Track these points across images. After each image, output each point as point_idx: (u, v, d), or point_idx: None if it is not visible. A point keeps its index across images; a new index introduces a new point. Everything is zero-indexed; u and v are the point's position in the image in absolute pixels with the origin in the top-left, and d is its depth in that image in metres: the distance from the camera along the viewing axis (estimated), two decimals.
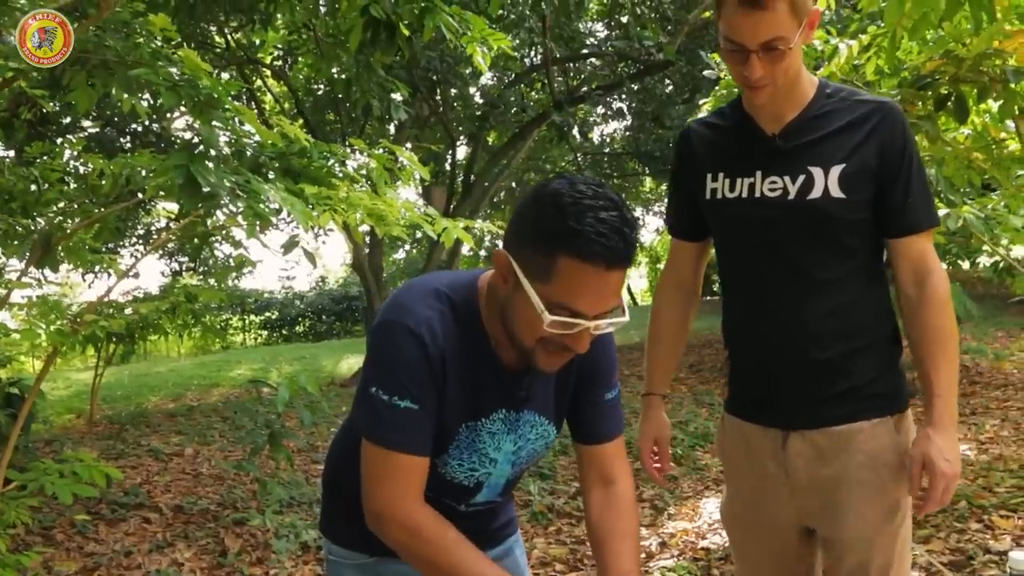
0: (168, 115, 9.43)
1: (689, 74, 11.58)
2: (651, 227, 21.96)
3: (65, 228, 4.18)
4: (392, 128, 9.60)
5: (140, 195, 4.17)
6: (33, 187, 4.36)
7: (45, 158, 5.05)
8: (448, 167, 11.70)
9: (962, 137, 3.91)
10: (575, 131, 14.38)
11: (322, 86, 10.31)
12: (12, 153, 6.05)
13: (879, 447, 1.60)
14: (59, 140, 7.67)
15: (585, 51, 11.96)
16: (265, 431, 4.74)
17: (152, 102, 6.87)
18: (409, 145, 10.03)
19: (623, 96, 14.73)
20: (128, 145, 9.37)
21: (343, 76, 7.12)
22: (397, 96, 6.43)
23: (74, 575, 3.59)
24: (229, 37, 9.13)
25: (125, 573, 3.63)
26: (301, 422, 4.34)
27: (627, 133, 18.17)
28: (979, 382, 6.60)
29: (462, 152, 12.41)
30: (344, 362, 11.01)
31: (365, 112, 7.14)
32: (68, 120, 8.32)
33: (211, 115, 3.17)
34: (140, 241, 11.43)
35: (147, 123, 9.21)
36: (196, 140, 3.16)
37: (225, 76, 8.82)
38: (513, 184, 16.65)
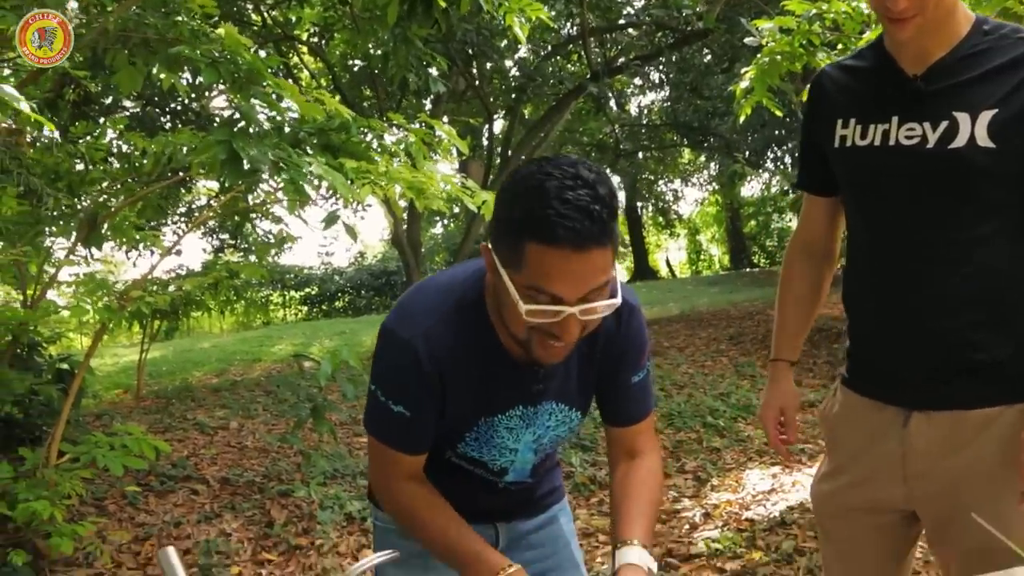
0: (207, 93, 9.51)
1: (728, 43, 11.40)
2: (689, 199, 21.78)
3: (110, 207, 4.25)
4: (429, 103, 9.60)
5: (181, 173, 4.21)
6: (79, 166, 4.43)
7: (89, 138, 5.12)
8: (485, 141, 11.68)
9: None
10: (612, 103, 14.28)
11: (358, 62, 10.32)
12: (57, 134, 6.15)
13: (1018, 438, 1.39)
14: (102, 120, 7.78)
15: (622, 21, 11.82)
16: (308, 405, 4.80)
17: (192, 80, 6.94)
18: (446, 119, 10.02)
19: (661, 67, 14.58)
20: (168, 124, 9.48)
21: (379, 51, 7.12)
22: (434, 70, 6.41)
23: (127, 544, 3.68)
24: (266, 14, 9.16)
25: (176, 542, 3.71)
26: (343, 395, 4.39)
27: (665, 104, 18.01)
28: None
29: (499, 126, 12.38)
30: None
31: (402, 87, 7.14)
32: (110, 100, 8.43)
33: (250, 91, 3.18)
34: (182, 219, 11.57)
35: (187, 102, 9.30)
36: (236, 116, 3.18)
37: (262, 54, 8.87)
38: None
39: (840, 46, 4.85)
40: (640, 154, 19.91)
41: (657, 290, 16.11)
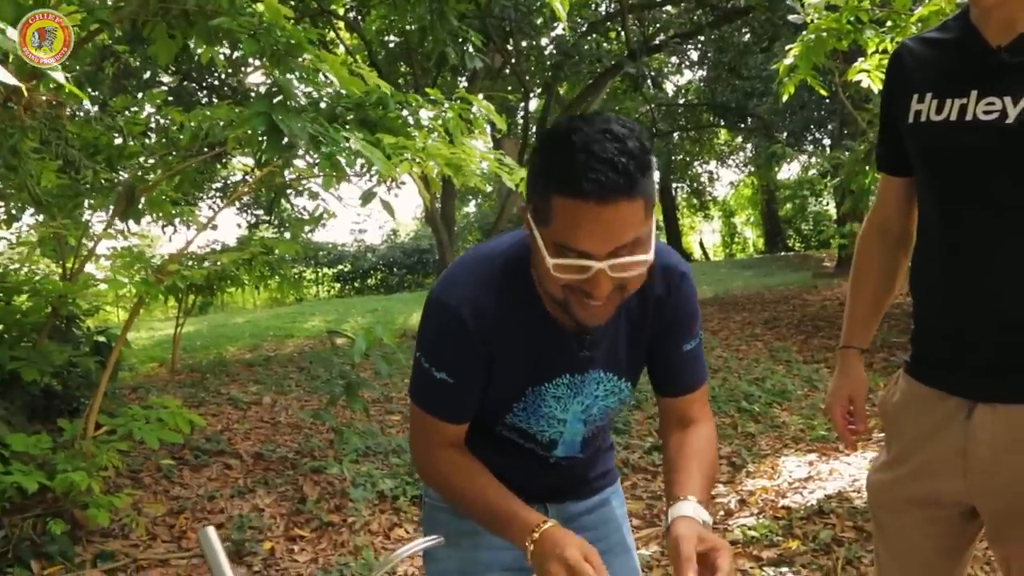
0: (243, 69, 9.52)
1: (769, 21, 11.23)
2: (724, 180, 21.55)
3: (147, 180, 4.25)
4: (465, 79, 9.53)
5: (218, 148, 4.21)
6: (118, 140, 4.43)
7: (128, 112, 5.13)
8: (521, 119, 11.60)
9: None
10: (648, 82, 14.11)
11: (394, 38, 10.28)
12: (96, 108, 6.17)
13: None
14: (140, 95, 7.82)
15: None
16: (341, 381, 4.80)
17: (230, 54, 6.93)
18: (481, 96, 9.96)
19: (699, 45, 14.37)
20: (205, 99, 9.51)
21: (416, 26, 7.06)
22: (470, 46, 6.35)
23: (162, 517, 3.71)
24: None
25: (209, 517, 3.73)
26: (377, 373, 4.38)
27: (702, 84, 17.79)
28: None
29: (535, 103, 12.28)
30: (416, 314, 11.11)
31: (439, 63, 7.09)
32: (148, 74, 8.46)
33: (289, 64, 3.15)
34: (217, 194, 11.65)
35: (223, 76, 9.31)
36: (275, 90, 3.15)
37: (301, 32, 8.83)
38: None
39: (889, 23, 4.72)
40: (676, 135, 19.71)
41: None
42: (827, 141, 15.56)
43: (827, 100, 11.75)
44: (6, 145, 2.90)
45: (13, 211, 4.36)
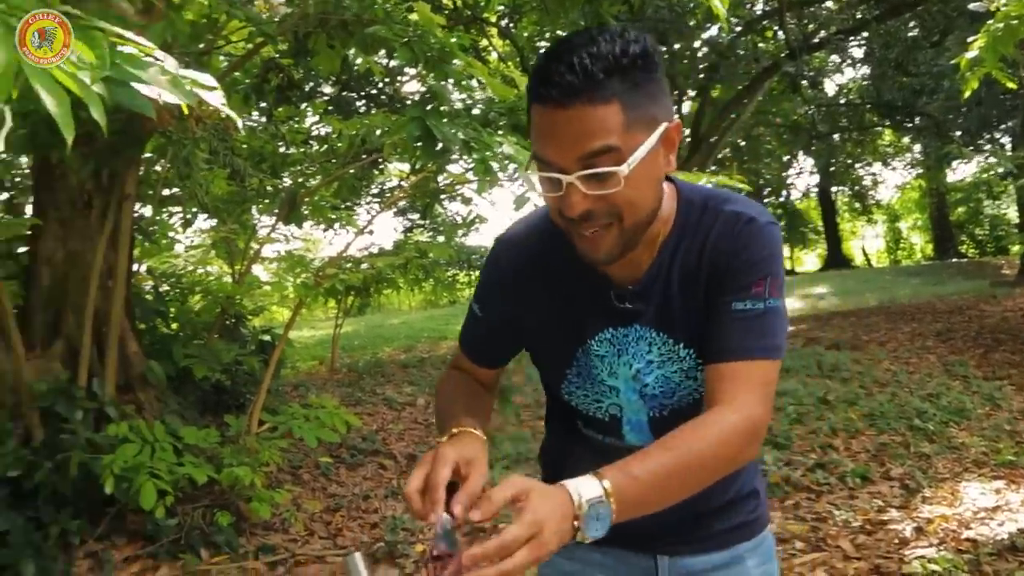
0: (399, 77, 9.80)
1: (941, 12, 10.51)
2: (890, 183, 20.43)
3: (308, 186, 4.41)
4: None
5: (375, 154, 4.32)
6: (281, 148, 4.63)
7: (291, 122, 5.36)
8: None
9: None
10: (807, 81, 13.53)
11: (546, 43, 10.30)
12: (264, 119, 6.49)
13: None
14: (303, 105, 8.17)
15: None
16: None
17: (387, 63, 7.13)
18: None
19: (863, 41, 13.65)
20: (363, 108, 9.84)
21: (569, 31, 7.04)
22: None
23: (319, 514, 3.81)
24: None
25: (364, 516, 3.81)
26: (529, 377, 4.35)
27: (865, 82, 16.90)
28: None
29: (687, 106, 12.02)
30: None
31: None
32: (311, 85, 8.83)
33: (443, 71, 3.18)
34: (375, 200, 12.05)
35: (381, 85, 9.60)
36: (429, 96, 3.18)
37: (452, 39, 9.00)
38: (740, 141, 15.98)
39: None
40: (836, 136, 18.83)
41: (852, 279, 15.19)
42: (1006, 139, 14.43)
43: (1007, 96, 10.88)
44: (180, 156, 3.06)
45: (188, 216, 4.62)
